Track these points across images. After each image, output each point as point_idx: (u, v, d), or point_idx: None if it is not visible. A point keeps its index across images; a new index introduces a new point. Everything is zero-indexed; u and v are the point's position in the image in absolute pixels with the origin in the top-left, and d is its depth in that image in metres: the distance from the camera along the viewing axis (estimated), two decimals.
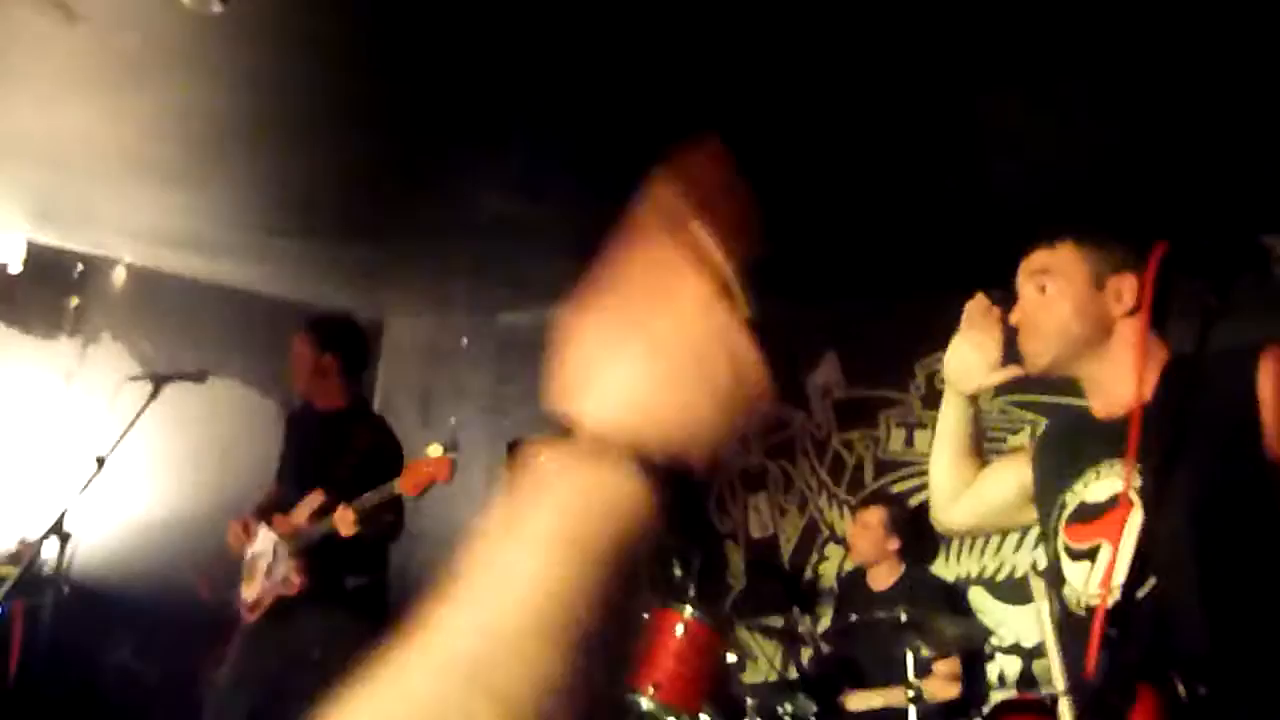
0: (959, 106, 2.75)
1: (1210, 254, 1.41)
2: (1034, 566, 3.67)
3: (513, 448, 5.20)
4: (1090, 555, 1.59)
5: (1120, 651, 1.12)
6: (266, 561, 3.38)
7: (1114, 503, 1.57)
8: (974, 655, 3.67)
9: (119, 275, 5.79)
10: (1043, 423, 4.07)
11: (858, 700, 3.60)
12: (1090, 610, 1.56)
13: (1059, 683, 1.24)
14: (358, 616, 3.37)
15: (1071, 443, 1.75)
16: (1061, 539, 1.66)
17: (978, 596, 4.22)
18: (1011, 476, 1.86)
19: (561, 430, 0.51)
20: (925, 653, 3.23)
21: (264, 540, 3.41)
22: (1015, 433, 4.24)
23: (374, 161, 3.77)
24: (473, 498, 6.25)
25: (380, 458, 3.35)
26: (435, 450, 3.09)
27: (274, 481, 3.67)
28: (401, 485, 3.13)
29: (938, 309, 4.51)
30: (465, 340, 6.64)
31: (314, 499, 3.31)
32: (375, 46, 2.66)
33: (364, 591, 3.45)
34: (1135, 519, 1.49)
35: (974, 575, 4.25)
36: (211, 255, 5.38)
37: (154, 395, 3.31)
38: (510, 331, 6.41)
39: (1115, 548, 1.49)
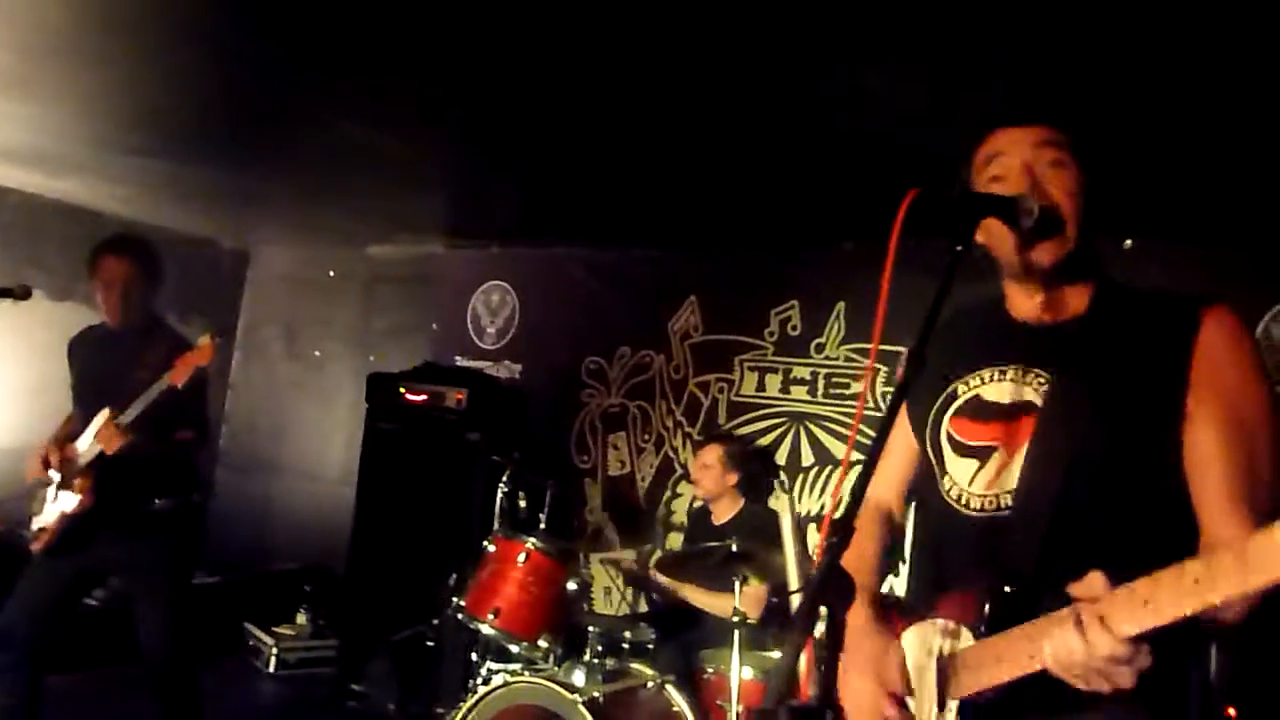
0: (817, 71, 2.84)
1: (958, 201, 1.46)
2: (780, 482, 3.83)
3: (373, 381, 5.17)
4: (979, 454, 1.55)
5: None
6: (55, 489, 3.31)
7: (1019, 409, 1.52)
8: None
9: None
10: (884, 370, 4.30)
11: (692, 593, 3.81)
12: (973, 508, 1.54)
13: (793, 582, 1.34)
14: (159, 541, 3.33)
15: (980, 334, 1.65)
16: (946, 428, 1.61)
17: (817, 534, 4.46)
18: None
19: None
20: (753, 579, 3.41)
21: (56, 470, 3.33)
22: (856, 379, 4.45)
23: (234, 85, 3.65)
24: (337, 431, 6.22)
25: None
26: (203, 340, 3.13)
27: (74, 409, 3.51)
28: (171, 378, 3.10)
29: (792, 260, 4.74)
30: (332, 272, 6.53)
31: (100, 418, 3.22)
32: None
33: (169, 515, 3.37)
34: (1040, 427, 1.48)
35: (814, 513, 4.49)
36: (54, 171, 5.13)
37: None
38: (379, 265, 6.34)
39: (1010, 456, 1.50)
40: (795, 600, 1.35)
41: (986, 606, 1.40)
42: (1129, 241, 3.90)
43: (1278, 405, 1.46)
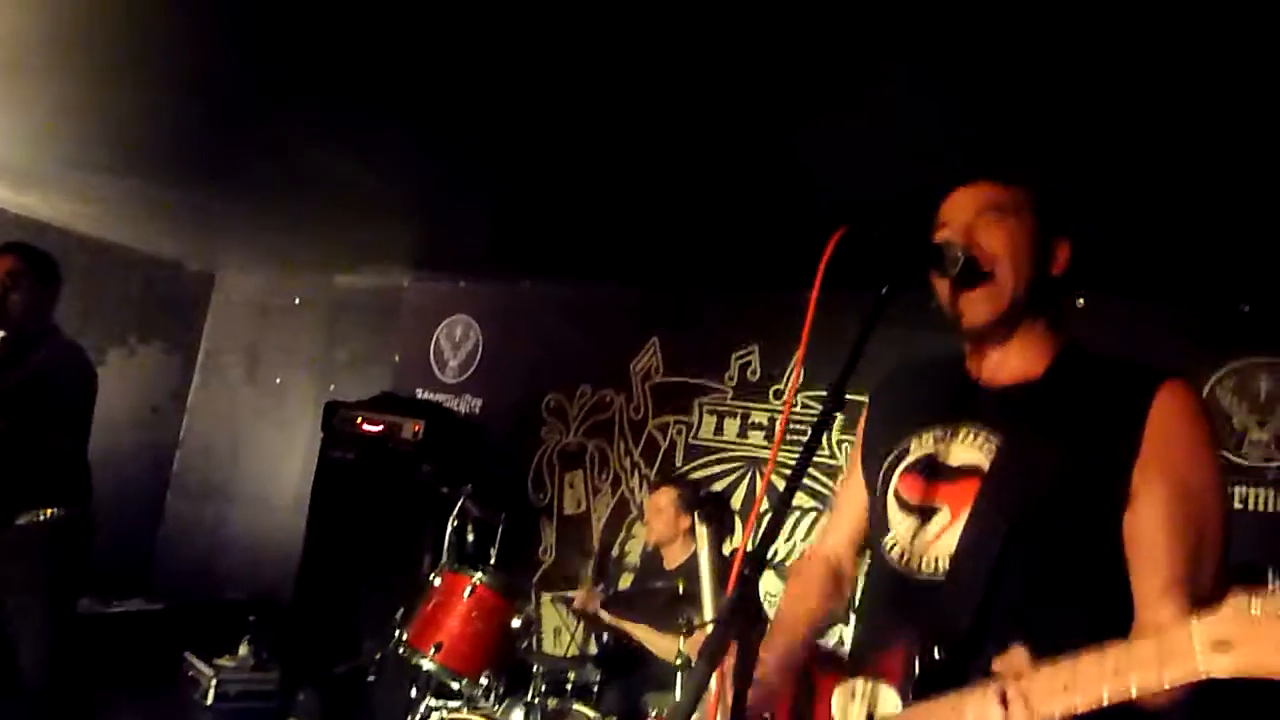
0: (786, 118, 2.89)
1: (884, 244, 1.44)
2: (698, 513, 3.78)
3: (330, 409, 5.12)
4: (922, 514, 1.52)
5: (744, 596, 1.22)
6: None
7: (966, 472, 1.50)
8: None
9: None
10: (841, 418, 4.32)
11: (639, 631, 3.74)
12: (913, 568, 1.51)
13: (709, 613, 1.34)
14: (38, 556, 3.19)
15: (939, 390, 1.62)
16: (894, 484, 1.58)
17: (769, 580, 4.44)
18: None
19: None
20: (698, 623, 3.37)
21: None
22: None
23: (203, 107, 3.65)
24: (294, 459, 6.15)
25: (62, 376, 3.22)
26: None
27: None
28: None
29: (754, 304, 4.77)
30: (297, 299, 6.49)
31: None
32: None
33: (50, 528, 3.22)
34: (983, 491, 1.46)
35: (771, 560, 4.47)
36: (18, 185, 5.10)
37: None
38: (343, 294, 6.31)
39: (953, 518, 1.48)
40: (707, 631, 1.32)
41: (915, 670, 1.38)
42: (1081, 300, 3.96)
43: (1225, 484, 1.44)
